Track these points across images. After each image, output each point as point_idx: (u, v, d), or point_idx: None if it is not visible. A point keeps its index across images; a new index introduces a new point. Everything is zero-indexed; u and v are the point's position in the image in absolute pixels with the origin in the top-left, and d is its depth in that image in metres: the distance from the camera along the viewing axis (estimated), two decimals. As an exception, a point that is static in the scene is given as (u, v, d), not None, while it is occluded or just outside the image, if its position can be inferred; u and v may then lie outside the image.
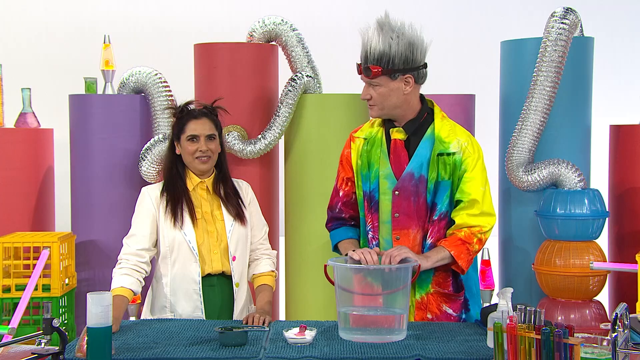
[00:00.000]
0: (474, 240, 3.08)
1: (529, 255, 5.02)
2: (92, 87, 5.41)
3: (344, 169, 3.29)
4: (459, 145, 3.10)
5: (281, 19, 5.28)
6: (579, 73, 5.04)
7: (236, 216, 3.39)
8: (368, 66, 3.05)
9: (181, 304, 3.34)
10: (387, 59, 3.03)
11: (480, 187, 3.10)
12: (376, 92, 3.08)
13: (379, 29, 3.04)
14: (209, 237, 3.34)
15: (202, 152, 3.34)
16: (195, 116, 3.39)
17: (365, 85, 3.11)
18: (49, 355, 2.39)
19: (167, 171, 3.44)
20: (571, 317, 4.65)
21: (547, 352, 2.31)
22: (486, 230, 3.12)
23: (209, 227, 3.35)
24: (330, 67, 5.80)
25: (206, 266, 3.33)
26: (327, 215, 3.38)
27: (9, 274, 4.88)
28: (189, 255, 3.31)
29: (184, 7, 7.65)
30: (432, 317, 3.12)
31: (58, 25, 6.96)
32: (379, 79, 3.05)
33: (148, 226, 3.35)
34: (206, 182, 3.41)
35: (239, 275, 3.39)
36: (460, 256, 3.05)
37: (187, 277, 3.32)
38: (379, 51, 3.02)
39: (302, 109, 5.18)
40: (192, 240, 3.30)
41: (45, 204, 5.55)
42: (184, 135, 3.36)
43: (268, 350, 2.64)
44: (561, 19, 4.82)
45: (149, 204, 3.37)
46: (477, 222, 3.09)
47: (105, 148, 5.24)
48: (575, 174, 4.73)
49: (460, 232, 3.08)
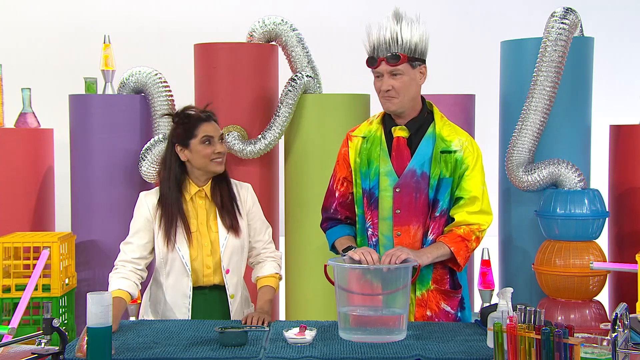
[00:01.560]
0: (472, 237, 3.10)
1: (529, 255, 5.02)
2: (92, 87, 5.41)
3: (341, 169, 3.30)
4: (460, 144, 3.13)
5: (281, 19, 5.28)
6: (579, 73, 5.04)
7: (230, 228, 3.35)
8: (395, 53, 3.05)
9: (171, 315, 3.34)
10: (410, 47, 3.06)
11: (480, 185, 3.13)
12: (398, 81, 3.08)
13: (398, 18, 3.07)
14: (203, 251, 3.32)
15: (219, 153, 3.31)
16: (205, 119, 3.34)
17: (386, 76, 3.08)
18: (49, 355, 2.39)
19: (163, 181, 3.37)
20: (571, 317, 4.65)
21: (547, 352, 2.30)
22: (484, 229, 3.14)
23: (203, 241, 3.32)
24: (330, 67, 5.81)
25: (199, 280, 3.33)
26: (321, 215, 3.38)
27: (9, 274, 4.88)
28: (182, 269, 3.30)
29: (184, 7, 7.65)
30: (431, 314, 3.13)
31: (58, 25, 6.96)
32: (403, 67, 3.07)
33: (145, 236, 3.33)
34: (204, 189, 3.36)
35: (233, 287, 3.37)
36: (459, 253, 3.06)
37: (178, 290, 3.32)
38: (402, 38, 3.05)
39: (302, 109, 5.18)
40: (185, 256, 3.28)
41: (45, 204, 5.55)
42: (195, 139, 3.29)
43: (268, 350, 2.64)
44: (561, 19, 4.82)
45: (146, 211, 3.34)
46: (476, 220, 3.11)
47: (105, 148, 5.24)
48: (575, 174, 4.73)
49: (460, 229, 3.10)
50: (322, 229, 3.39)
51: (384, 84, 3.09)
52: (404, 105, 3.12)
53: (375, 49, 3.09)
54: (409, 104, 3.13)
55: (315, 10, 6.95)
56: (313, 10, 6.92)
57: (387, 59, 3.06)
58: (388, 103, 3.12)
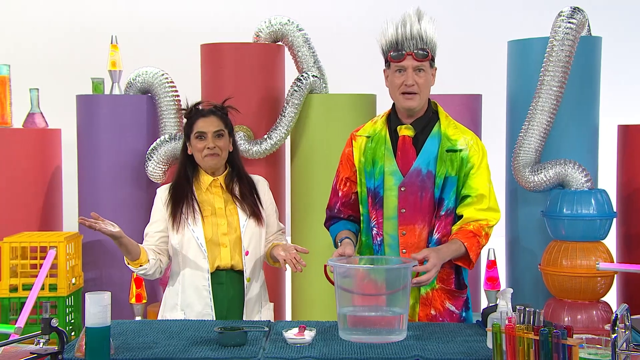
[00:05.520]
0: (482, 233, 3.09)
1: (535, 256, 5.00)
2: (99, 88, 5.43)
3: (344, 169, 3.29)
4: (466, 143, 3.12)
5: (287, 19, 5.28)
6: (586, 72, 5.02)
7: (252, 214, 3.40)
8: (424, 48, 3.05)
9: (192, 301, 3.35)
10: (432, 45, 3.09)
11: (486, 183, 3.13)
12: (422, 78, 3.09)
13: (420, 16, 3.08)
14: (218, 231, 3.35)
15: (210, 148, 3.35)
16: (204, 114, 3.41)
17: (410, 71, 3.07)
18: (47, 355, 2.39)
19: (176, 173, 3.48)
20: (578, 318, 4.62)
21: (545, 352, 2.29)
22: (492, 225, 3.13)
23: (219, 221, 3.37)
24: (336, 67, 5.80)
25: (215, 260, 3.34)
26: (325, 214, 3.38)
27: (16, 274, 4.90)
28: (198, 251, 3.32)
29: (191, 8, 7.65)
30: (435, 313, 3.12)
31: (65, 26, 6.98)
32: (426, 64, 3.09)
33: (160, 230, 3.42)
34: (219, 179, 3.42)
35: (250, 270, 3.37)
36: (472, 249, 3.05)
37: (196, 274, 3.34)
38: (428, 36, 3.07)
39: (308, 109, 5.18)
40: (200, 237, 3.32)
41: (53, 204, 5.57)
42: (192, 134, 3.39)
43: (267, 350, 2.64)
44: (568, 19, 4.80)
45: (160, 205, 3.43)
46: (485, 216, 3.10)
47: (112, 148, 5.26)
48: (582, 174, 4.71)
49: (469, 226, 3.08)
50: (325, 228, 3.39)
51: (408, 78, 3.07)
52: (422, 103, 3.13)
53: (399, 43, 3.07)
54: (423, 103, 3.14)
55: (321, 11, 6.94)
56: (319, 11, 6.92)
57: (415, 54, 3.05)
58: (410, 101, 3.11)
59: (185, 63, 5.84)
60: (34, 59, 6.77)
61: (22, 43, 6.85)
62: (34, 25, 6.96)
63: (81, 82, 5.77)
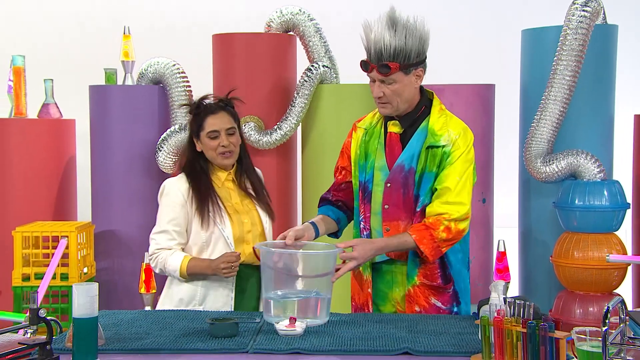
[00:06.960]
0: (441, 227, 2.98)
1: (548, 248, 4.94)
2: (112, 78, 5.46)
3: (342, 158, 3.31)
4: (449, 138, 3.04)
5: (299, 9, 5.27)
6: (602, 61, 4.94)
7: (267, 209, 3.43)
8: (385, 63, 2.97)
9: (212, 296, 3.33)
10: (404, 55, 2.97)
11: (456, 177, 3.03)
12: (390, 89, 3.02)
13: (390, 24, 2.97)
14: (243, 228, 3.35)
15: (225, 147, 3.32)
16: (213, 111, 3.35)
17: (377, 83, 3.02)
18: (36, 345, 2.40)
19: (189, 168, 3.39)
20: (589, 310, 4.57)
21: (532, 345, 2.27)
22: (454, 218, 2.99)
23: (243, 218, 3.36)
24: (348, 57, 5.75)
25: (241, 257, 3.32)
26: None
27: (29, 263, 4.94)
28: (225, 249, 3.30)
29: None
30: (420, 309, 3.08)
31: (79, 17, 7.02)
32: (395, 76, 3.00)
33: (180, 222, 3.32)
34: (232, 173, 3.42)
35: None
36: (422, 241, 2.97)
37: None
38: (394, 47, 2.95)
39: (318, 99, 5.17)
40: (229, 237, 3.30)
41: (67, 194, 5.61)
42: (203, 132, 3.33)
43: (257, 342, 2.63)
44: (582, 7, 4.73)
45: (179, 197, 3.32)
46: (446, 210, 3.00)
47: (124, 138, 5.29)
48: (595, 164, 4.64)
49: (428, 219, 3.02)
50: None
51: (375, 90, 3.05)
52: (398, 109, 3.07)
53: (369, 53, 3.02)
54: (403, 106, 3.07)
55: (332, 0, 6.91)
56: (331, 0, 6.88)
57: (377, 68, 2.99)
58: (381, 108, 3.09)
59: (197, 53, 5.84)
60: (48, 50, 6.81)
61: (36, 34, 6.90)
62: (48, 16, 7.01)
63: (94, 73, 5.80)
